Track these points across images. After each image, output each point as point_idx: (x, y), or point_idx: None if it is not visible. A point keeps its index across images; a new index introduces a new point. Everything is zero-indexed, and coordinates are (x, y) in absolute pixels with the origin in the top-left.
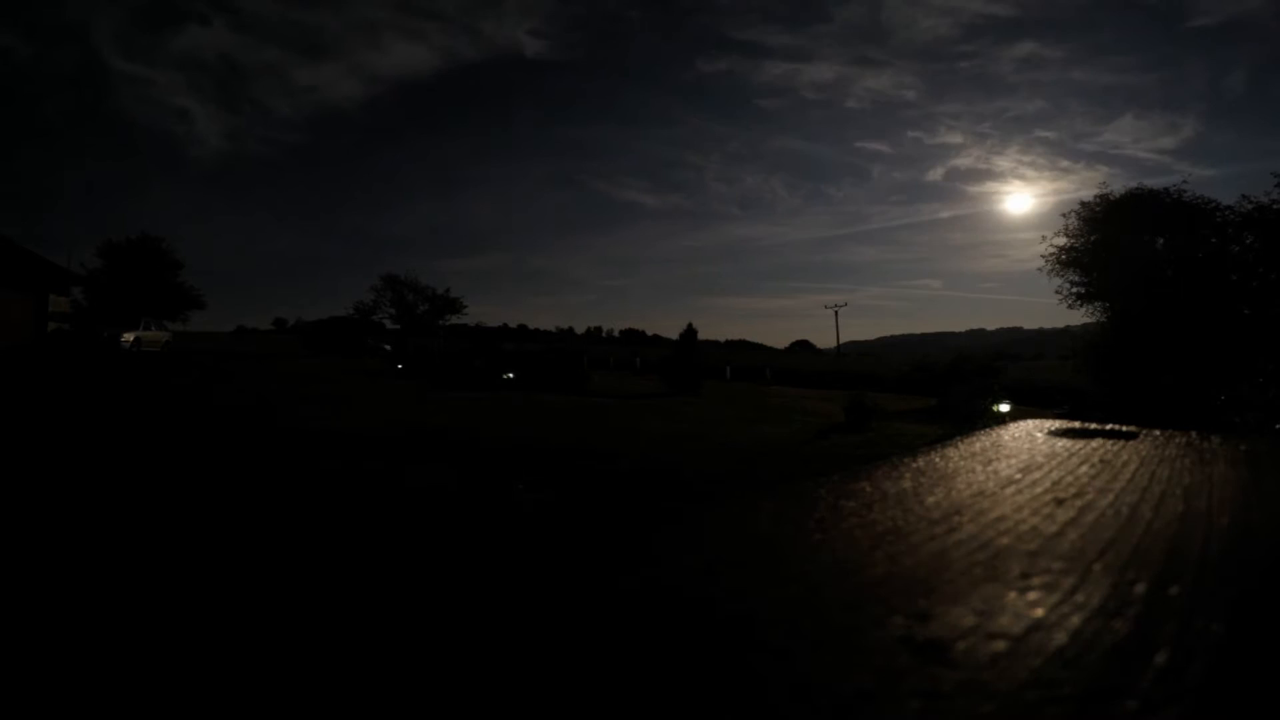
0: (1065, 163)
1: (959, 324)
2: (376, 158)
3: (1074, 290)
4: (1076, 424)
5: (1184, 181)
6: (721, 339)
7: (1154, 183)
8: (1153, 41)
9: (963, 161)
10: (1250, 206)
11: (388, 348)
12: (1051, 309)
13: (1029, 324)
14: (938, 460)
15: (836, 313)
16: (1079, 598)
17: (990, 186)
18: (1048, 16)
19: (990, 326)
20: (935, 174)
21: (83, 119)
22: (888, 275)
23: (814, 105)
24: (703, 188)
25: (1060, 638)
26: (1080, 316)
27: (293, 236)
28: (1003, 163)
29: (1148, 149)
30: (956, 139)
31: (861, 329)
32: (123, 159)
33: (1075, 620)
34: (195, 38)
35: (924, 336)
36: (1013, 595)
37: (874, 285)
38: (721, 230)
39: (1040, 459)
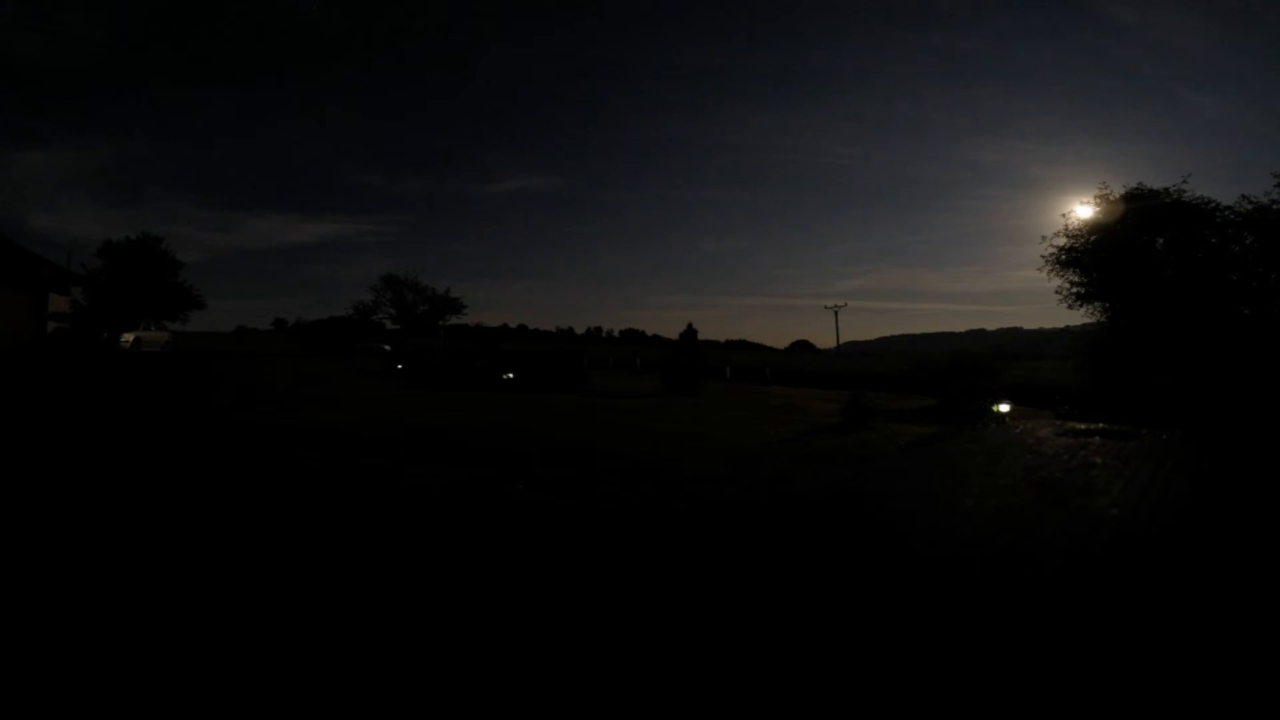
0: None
1: (959, 324)
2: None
3: (1074, 290)
4: (1078, 424)
5: (1184, 181)
6: (721, 339)
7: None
8: None
9: None
10: (1250, 206)
11: (388, 348)
12: (1052, 309)
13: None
14: (937, 459)
15: (836, 313)
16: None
17: None
18: None
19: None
20: None
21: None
22: None
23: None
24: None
25: None
26: (1080, 316)
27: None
28: None
29: None
30: None
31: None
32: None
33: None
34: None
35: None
36: None
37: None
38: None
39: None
